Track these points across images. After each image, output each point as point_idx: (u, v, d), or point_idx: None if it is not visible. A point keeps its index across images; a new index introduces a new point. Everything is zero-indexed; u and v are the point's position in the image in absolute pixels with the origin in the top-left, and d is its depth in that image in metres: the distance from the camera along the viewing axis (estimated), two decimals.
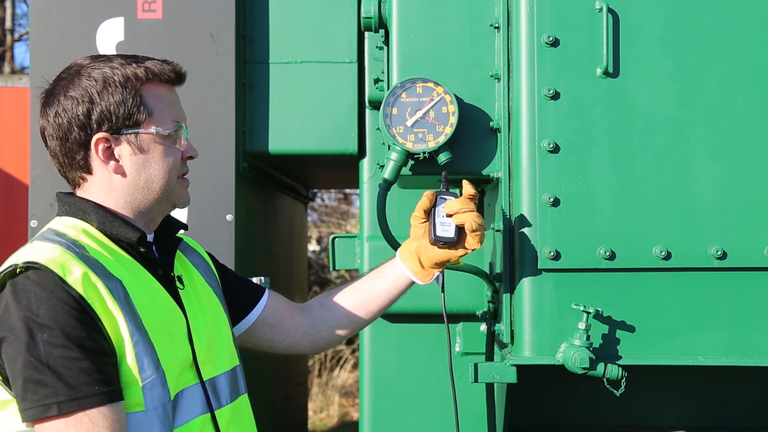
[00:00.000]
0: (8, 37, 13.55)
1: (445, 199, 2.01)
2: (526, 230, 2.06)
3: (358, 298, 2.11)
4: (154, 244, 1.81)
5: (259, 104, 3.30)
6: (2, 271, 1.58)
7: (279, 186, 4.24)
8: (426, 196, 2.02)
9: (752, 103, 2.05)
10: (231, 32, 3.23)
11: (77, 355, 1.52)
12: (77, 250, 1.62)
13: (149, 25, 3.22)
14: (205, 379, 1.74)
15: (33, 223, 3.23)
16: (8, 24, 13.72)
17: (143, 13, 3.22)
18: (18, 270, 1.56)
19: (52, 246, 1.61)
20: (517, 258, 2.10)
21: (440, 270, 2.05)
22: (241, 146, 3.27)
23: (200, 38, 3.22)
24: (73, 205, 1.74)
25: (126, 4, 3.22)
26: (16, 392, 1.53)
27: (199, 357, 1.74)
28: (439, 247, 2.00)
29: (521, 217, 2.07)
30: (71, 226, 1.71)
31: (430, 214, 2.02)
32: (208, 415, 1.72)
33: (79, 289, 1.55)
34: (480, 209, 2.26)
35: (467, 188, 2.02)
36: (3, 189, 5.97)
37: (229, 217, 3.20)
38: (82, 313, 1.54)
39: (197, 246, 2.02)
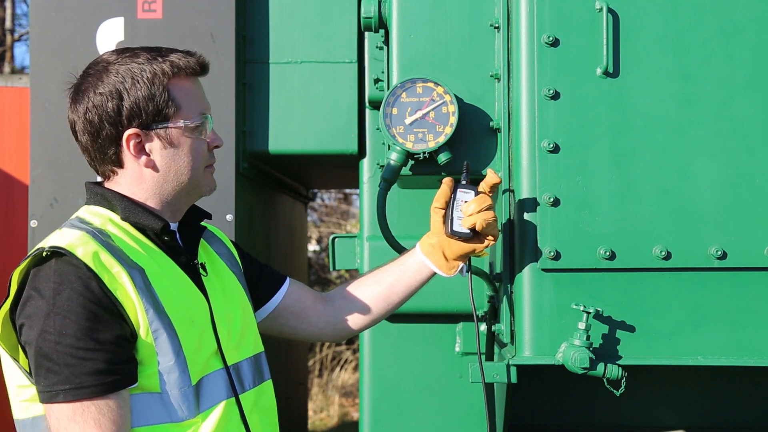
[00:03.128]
0: (8, 37, 13.55)
1: (465, 191, 2.01)
2: (526, 230, 2.06)
3: (379, 290, 2.13)
4: (179, 233, 1.86)
5: (259, 104, 3.30)
6: (29, 256, 1.64)
7: (279, 186, 4.24)
8: (446, 184, 2.03)
9: (752, 103, 2.05)
10: (231, 32, 3.22)
11: (87, 346, 1.57)
12: (102, 238, 1.68)
13: (149, 25, 3.22)
14: (229, 364, 1.79)
15: (33, 223, 3.23)
16: (8, 24, 13.71)
17: (143, 13, 3.22)
18: (44, 254, 1.62)
19: (78, 233, 1.66)
20: (517, 258, 2.10)
21: (464, 262, 2.07)
22: (241, 146, 3.27)
23: (200, 38, 3.22)
24: (100, 195, 1.79)
25: (126, 4, 3.22)
26: (33, 375, 1.60)
27: (223, 342, 1.79)
28: (462, 240, 2.01)
29: (521, 217, 2.07)
30: (98, 214, 1.76)
31: (448, 204, 2.02)
32: (233, 399, 1.77)
33: (102, 276, 1.61)
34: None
35: (491, 176, 2.03)
36: (3, 189, 5.97)
37: (229, 217, 3.20)
38: (101, 301, 1.60)
39: (222, 235, 2.06)
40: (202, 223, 1.94)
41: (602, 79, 2.06)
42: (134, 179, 1.79)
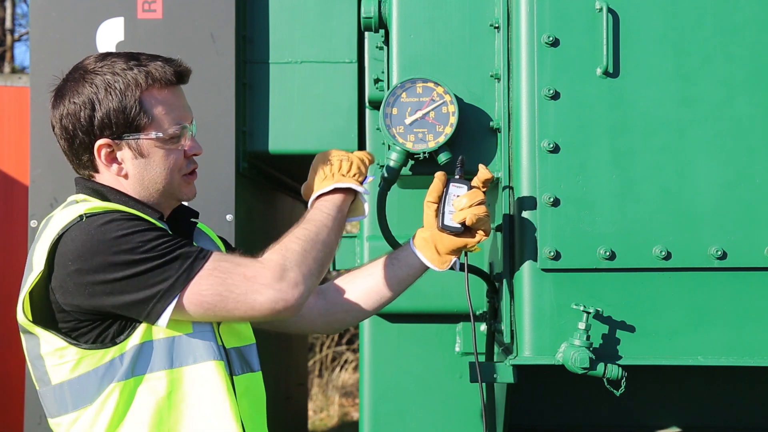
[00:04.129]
0: (8, 37, 13.55)
1: (458, 186, 2.02)
2: (526, 230, 2.06)
3: (372, 283, 2.13)
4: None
5: (259, 104, 3.30)
6: (67, 225, 1.68)
7: (279, 186, 4.24)
8: (438, 178, 2.04)
9: (752, 103, 2.05)
10: (231, 32, 3.22)
11: (172, 237, 1.71)
12: None
13: (149, 25, 3.22)
14: (226, 346, 1.83)
15: (33, 223, 3.23)
16: (8, 24, 13.71)
17: (143, 13, 3.22)
18: (84, 218, 1.68)
19: (96, 201, 1.77)
20: (517, 258, 2.10)
21: (457, 256, 2.07)
22: (241, 146, 3.27)
23: (200, 38, 3.22)
24: (91, 188, 1.83)
25: (126, 4, 3.22)
26: (132, 298, 1.66)
27: (214, 328, 1.82)
28: (453, 235, 2.01)
29: (521, 217, 2.07)
30: (92, 202, 1.79)
31: (441, 198, 2.03)
32: (228, 378, 1.79)
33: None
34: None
35: (483, 172, 2.03)
36: (3, 189, 5.97)
37: (229, 217, 3.20)
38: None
39: (209, 231, 2.07)
40: (193, 220, 1.96)
41: (602, 79, 2.06)
42: (111, 184, 1.82)
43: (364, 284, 2.14)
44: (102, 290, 1.65)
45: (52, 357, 1.71)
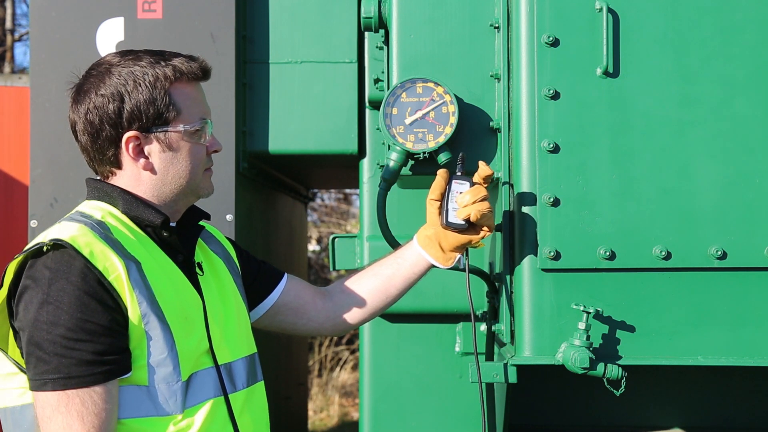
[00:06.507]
0: (8, 37, 13.55)
1: (460, 183, 2.02)
2: (526, 230, 2.06)
3: (377, 283, 2.14)
4: (177, 232, 1.86)
5: (259, 104, 3.30)
6: (28, 249, 1.66)
7: (279, 186, 4.24)
8: (440, 176, 2.04)
9: (752, 103, 2.05)
10: (231, 32, 3.22)
11: (78, 336, 1.59)
12: (101, 230, 1.69)
13: (149, 25, 3.22)
14: (220, 363, 1.79)
15: (33, 223, 3.23)
16: (8, 24, 13.71)
17: (143, 13, 3.22)
18: (45, 248, 1.64)
19: (77, 225, 1.68)
20: (517, 258, 2.10)
21: (461, 253, 2.07)
22: (241, 146, 3.27)
23: (200, 38, 3.22)
24: (101, 190, 1.81)
25: (126, 4, 3.22)
26: (25, 362, 1.63)
27: (215, 341, 1.79)
28: (458, 232, 2.02)
29: (521, 217, 2.07)
30: (99, 208, 1.78)
31: (443, 195, 2.03)
32: (222, 398, 1.77)
33: (98, 266, 1.62)
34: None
35: (484, 168, 2.03)
36: (3, 189, 5.97)
37: (229, 217, 3.20)
38: (95, 291, 1.61)
39: (219, 234, 2.07)
40: (201, 223, 1.95)
41: (602, 79, 2.06)
42: (132, 180, 1.80)
43: (370, 284, 2.14)
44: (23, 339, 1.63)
45: (2, 380, 1.69)
